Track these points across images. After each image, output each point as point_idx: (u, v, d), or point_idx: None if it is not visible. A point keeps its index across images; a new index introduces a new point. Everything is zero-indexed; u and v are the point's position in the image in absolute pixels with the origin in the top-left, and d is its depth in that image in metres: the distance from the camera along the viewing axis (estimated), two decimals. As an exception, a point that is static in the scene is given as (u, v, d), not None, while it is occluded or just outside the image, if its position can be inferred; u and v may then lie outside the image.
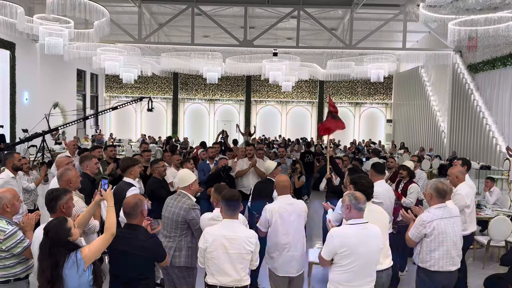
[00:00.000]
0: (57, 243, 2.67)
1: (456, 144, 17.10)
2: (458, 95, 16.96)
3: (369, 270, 3.23)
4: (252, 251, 3.25)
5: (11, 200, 3.27)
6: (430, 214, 3.74)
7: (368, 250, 3.17)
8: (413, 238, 3.78)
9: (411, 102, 22.57)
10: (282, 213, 3.90)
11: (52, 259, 2.64)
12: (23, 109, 16.75)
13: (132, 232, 3.14)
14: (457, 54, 16.77)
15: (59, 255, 2.66)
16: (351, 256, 3.14)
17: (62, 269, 2.64)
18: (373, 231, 3.27)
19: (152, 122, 26.12)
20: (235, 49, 15.60)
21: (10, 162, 5.35)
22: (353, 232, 3.19)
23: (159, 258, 3.25)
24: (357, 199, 3.24)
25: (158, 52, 16.33)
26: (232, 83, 26.11)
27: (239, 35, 15.77)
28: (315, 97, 26.17)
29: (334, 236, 3.20)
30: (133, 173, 4.68)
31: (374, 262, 3.25)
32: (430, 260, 3.72)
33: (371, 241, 3.20)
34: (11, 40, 15.52)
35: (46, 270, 2.63)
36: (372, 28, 15.43)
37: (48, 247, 2.66)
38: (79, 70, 22.43)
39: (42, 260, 2.67)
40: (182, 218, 3.77)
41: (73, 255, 2.69)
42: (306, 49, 17.17)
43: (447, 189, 3.84)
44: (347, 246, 3.14)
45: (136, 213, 3.18)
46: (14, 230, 3.17)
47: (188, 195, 3.91)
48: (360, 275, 3.18)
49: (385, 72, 16.07)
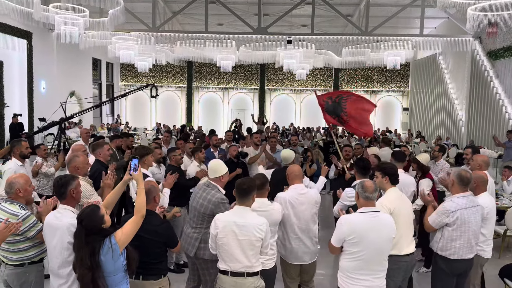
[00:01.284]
0: (92, 231, 2.72)
1: (474, 133, 16.76)
2: (477, 83, 16.57)
3: (379, 259, 3.20)
4: (262, 238, 3.25)
5: (24, 185, 3.32)
6: (453, 203, 3.67)
7: (377, 239, 3.14)
8: (434, 225, 3.75)
9: (428, 90, 22.17)
10: (293, 202, 3.91)
11: (89, 247, 2.69)
12: (40, 98, 17.02)
13: (145, 217, 3.18)
14: (476, 41, 16.33)
15: (95, 242, 2.71)
16: (360, 244, 3.12)
17: (99, 256, 2.69)
18: (384, 220, 3.24)
19: (167, 111, 26.29)
20: (249, 37, 15.49)
21: (18, 150, 5.31)
22: (362, 220, 3.18)
23: (171, 244, 3.29)
24: (363, 188, 3.23)
25: (172, 40, 16.33)
26: (246, 71, 26.01)
27: (253, 23, 15.64)
28: (330, 85, 25.91)
29: (343, 223, 3.21)
30: (146, 163, 4.60)
31: (384, 251, 3.21)
32: (451, 249, 3.68)
33: (381, 230, 3.17)
34: (28, 29, 15.72)
35: (85, 258, 2.67)
36: (389, 14, 15.11)
37: (84, 235, 2.71)
38: (94, 59, 22.64)
39: (79, 249, 2.71)
40: (210, 211, 3.70)
41: (107, 240, 2.73)
42: (321, 36, 16.92)
43: (470, 177, 3.76)
44: (356, 233, 3.13)
45: (149, 199, 3.22)
46: (27, 214, 3.23)
47: (218, 187, 3.83)
48: (369, 264, 3.15)
49: (402, 59, 15.79)
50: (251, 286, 3.23)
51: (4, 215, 3.19)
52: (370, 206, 3.23)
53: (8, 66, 15.20)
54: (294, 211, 3.90)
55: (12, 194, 3.28)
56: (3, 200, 3.37)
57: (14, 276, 3.26)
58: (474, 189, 4.07)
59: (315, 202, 4.02)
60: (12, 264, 3.26)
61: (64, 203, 3.17)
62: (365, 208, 3.22)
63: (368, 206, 3.23)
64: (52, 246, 3.11)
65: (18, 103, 15.97)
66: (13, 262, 3.26)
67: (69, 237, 3.05)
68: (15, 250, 3.23)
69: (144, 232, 3.13)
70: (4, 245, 3.21)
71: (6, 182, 3.36)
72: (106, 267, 2.73)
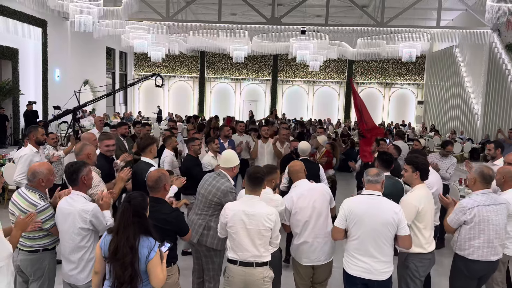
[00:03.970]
0: (138, 213, 2.64)
1: (490, 127, 16.46)
2: (494, 76, 16.23)
3: (376, 242, 3.20)
4: (271, 228, 3.22)
5: (47, 175, 3.32)
6: (471, 200, 3.55)
7: (373, 220, 3.19)
8: (452, 225, 3.62)
9: (444, 83, 21.81)
10: (302, 199, 3.70)
11: (135, 226, 2.59)
12: (54, 86, 17.20)
13: (155, 205, 3.17)
14: (495, 33, 15.96)
15: (140, 224, 2.62)
16: (357, 224, 3.23)
17: (139, 241, 2.60)
18: (386, 204, 3.24)
19: (179, 101, 26.37)
20: (262, 27, 15.37)
21: (34, 136, 5.31)
22: (361, 201, 3.29)
23: (181, 232, 3.29)
24: (366, 172, 3.36)
25: (185, 30, 16.30)
26: (259, 62, 25.90)
27: (266, 13, 15.50)
28: (344, 77, 25.67)
29: (344, 204, 3.35)
30: (152, 152, 4.55)
31: (380, 235, 3.20)
32: (469, 248, 3.54)
33: (378, 213, 3.20)
34: (42, 17, 15.84)
35: (131, 237, 2.56)
36: (405, 5, 14.83)
37: (131, 214, 2.61)
38: (108, 48, 22.75)
39: (126, 227, 2.57)
40: (218, 199, 3.72)
41: (153, 241, 2.64)
42: (336, 27, 16.67)
43: (493, 174, 3.63)
44: (354, 213, 3.24)
45: (159, 187, 3.21)
46: (46, 206, 3.24)
47: (228, 176, 3.83)
48: (365, 244, 3.22)
49: (418, 51, 15.49)
50: (260, 276, 3.22)
51: (24, 202, 3.20)
52: (371, 189, 3.31)
53: (24, 54, 15.37)
54: (304, 208, 3.68)
55: (34, 182, 3.28)
56: (23, 186, 3.37)
57: (28, 262, 3.28)
58: (502, 184, 3.92)
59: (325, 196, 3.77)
60: (26, 250, 3.28)
61: (76, 189, 3.19)
62: (367, 190, 3.32)
63: (370, 189, 3.31)
64: (64, 231, 3.16)
65: (33, 91, 16.16)
66: (28, 248, 3.28)
67: (80, 223, 3.09)
68: (30, 237, 3.26)
69: (154, 220, 3.12)
70: None
71: (30, 170, 3.34)
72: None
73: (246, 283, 3.23)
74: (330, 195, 3.86)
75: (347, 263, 3.35)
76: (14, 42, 14.72)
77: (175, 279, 3.25)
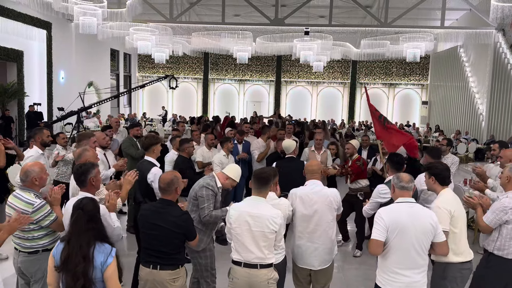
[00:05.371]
0: (92, 218, 2.59)
1: (495, 127, 16.38)
2: (499, 76, 16.14)
3: (419, 252, 3.01)
4: (276, 231, 3.19)
5: (39, 173, 3.33)
6: (511, 199, 3.47)
7: (417, 229, 2.98)
8: (491, 225, 3.51)
9: (448, 84, 21.72)
10: (304, 200, 3.65)
11: (89, 233, 2.55)
12: (59, 87, 17.28)
13: (166, 207, 3.19)
14: (500, 33, 15.88)
15: (94, 230, 2.57)
16: (400, 235, 2.96)
17: (94, 249, 2.54)
18: (423, 211, 3.07)
19: (183, 102, 26.42)
20: (266, 28, 15.38)
21: (39, 137, 5.31)
22: (401, 209, 3.03)
23: (190, 236, 3.25)
24: (399, 178, 3.13)
25: (189, 31, 16.36)
26: (262, 63, 25.91)
27: (270, 14, 15.51)
28: (347, 78, 25.62)
29: (382, 213, 3.05)
30: (155, 152, 4.56)
31: (422, 244, 3.01)
32: (509, 248, 3.46)
33: (420, 221, 3.00)
34: (47, 19, 15.92)
35: (84, 245, 2.50)
36: (409, 5, 14.78)
37: (85, 221, 2.56)
38: (112, 50, 22.84)
39: (79, 235, 2.52)
40: (195, 193, 3.76)
41: (109, 247, 2.58)
42: (339, 28, 16.66)
43: None
44: (396, 223, 2.97)
45: (171, 189, 3.21)
46: (42, 203, 3.25)
47: (216, 178, 3.82)
48: (409, 256, 3.00)
49: (422, 51, 15.45)
50: (264, 278, 3.19)
51: (19, 203, 3.20)
52: (406, 196, 3.11)
53: (28, 56, 15.46)
54: (304, 208, 3.64)
55: (27, 182, 3.29)
56: (18, 188, 3.39)
57: (28, 263, 3.28)
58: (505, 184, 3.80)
59: (330, 202, 3.65)
60: (26, 251, 3.28)
61: (84, 191, 3.20)
62: (402, 198, 3.10)
63: (404, 196, 3.10)
64: None
65: (37, 92, 16.25)
66: (27, 250, 3.28)
67: None
68: (29, 238, 3.26)
69: (163, 222, 3.13)
70: (18, 233, 3.23)
71: (22, 170, 3.36)
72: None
73: (250, 284, 3.20)
74: (338, 202, 3.72)
75: (386, 280, 3.06)
76: (19, 44, 14.81)
77: (183, 281, 3.23)
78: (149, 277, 3.16)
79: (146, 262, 3.20)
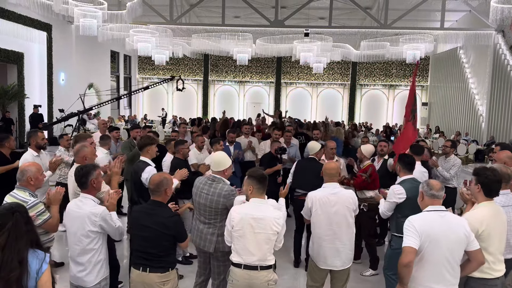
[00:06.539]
0: (29, 221, 2.39)
1: (495, 128, 16.40)
2: (499, 78, 16.17)
3: (451, 264, 2.88)
4: (278, 232, 3.20)
5: (35, 173, 3.37)
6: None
7: (449, 240, 2.84)
8: None
9: (448, 85, 21.74)
10: (323, 202, 3.71)
11: (27, 237, 2.33)
12: (59, 89, 17.29)
13: (155, 208, 3.17)
14: (499, 34, 15.91)
15: (31, 234, 2.36)
16: (431, 246, 2.83)
17: (27, 255, 2.31)
18: (455, 220, 2.93)
19: (183, 104, 26.42)
20: (266, 29, 15.40)
21: (34, 140, 5.34)
22: (433, 218, 2.89)
23: (180, 238, 3.20)
24: (429, 185, 3.01)
25: (189, 33, 16.37)
26: (262, 64, 25.93)
27: (270, 15, 15.53)
28: (347, 79, 25.64)
29: (411, 221, 2.91)
30: (149, 152, 4.57)
31: (455, 255, 2.88)
32: None
33: (452, 230, 2.86)
34: (47, 21, 15.94)
35: (22, 250, 2.28)
36: (408, 6, 14.82)
37: (24, 223, 2.34)
38: (112, 52, 22.86)
39: (18, 239, 2.28)
40: (223, 205, 3.61)
41: (42, 253, 2.37)
42: (339, 29, 16.69)
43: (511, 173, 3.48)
44: (428, 233, 2.84)
45: (160, 191, 3.18)
46: (36, 202, 3.28)
47: (223, 179, 3.72)
48: (442, 270, 2.86)
49: (422, 53, 15.48)
50: (264, 279, 3.19)
51: (14, 201, 3.20)
52: (437, 205, 2.97)
53: (29, 58, 15.47)
54: (323, 211, 3.70)
55: (23, 181, 3.34)
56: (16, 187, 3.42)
57: None
58: None
59: (350, 203, 3.73)
60: None
61: (86, 192, 3.22)
62: (432, 206, 2.97)
63: (435, 205, 2.97)
64: (72, 233, 3.18)
65: (38, 94, 16.25)
66: None
67: (90, 226, 3.12)
68: None
69: (153, 224, 3.11)
70: None
71: (19, 169, 3.42)
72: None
73: (250, 286, 3.20)
74: (356, 203, 3.77)
75: None
76: (19, 46, 14.82)
77: (174, 285, 3.18)
78: (139, 279, 3.12)
79: (136, 264, 3.17)
